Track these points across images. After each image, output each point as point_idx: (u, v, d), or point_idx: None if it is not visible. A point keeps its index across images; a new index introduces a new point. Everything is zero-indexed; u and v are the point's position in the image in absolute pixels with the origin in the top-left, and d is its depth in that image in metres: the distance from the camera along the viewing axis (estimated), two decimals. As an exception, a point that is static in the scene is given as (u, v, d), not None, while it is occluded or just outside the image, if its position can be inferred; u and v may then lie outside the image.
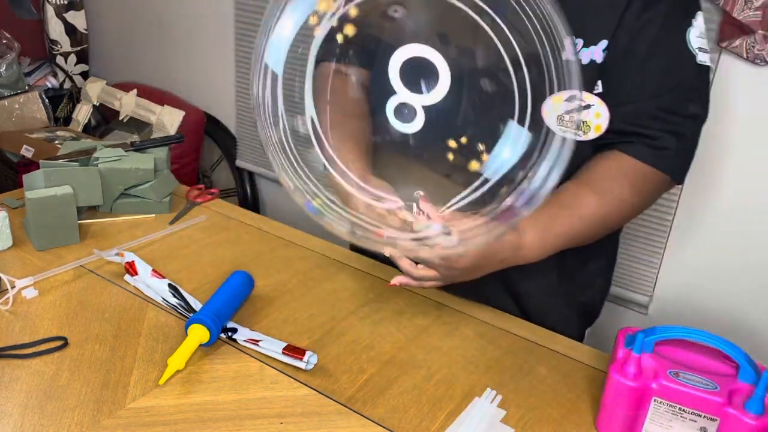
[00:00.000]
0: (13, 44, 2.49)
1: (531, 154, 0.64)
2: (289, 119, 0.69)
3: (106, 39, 2.85)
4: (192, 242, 1.13)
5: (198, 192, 1.30)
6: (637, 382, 0.72)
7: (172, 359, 0.80)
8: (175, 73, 2.65)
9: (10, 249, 1.07)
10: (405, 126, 0.64)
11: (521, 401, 0.82)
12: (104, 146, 1.24)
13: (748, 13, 1.42)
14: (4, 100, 2.44)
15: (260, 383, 0.81)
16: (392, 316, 0.97)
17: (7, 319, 0.90)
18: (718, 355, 0.76)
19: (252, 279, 0.98)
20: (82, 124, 2.64)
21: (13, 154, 2.36)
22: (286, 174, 0.72)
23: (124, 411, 0.75)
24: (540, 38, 0.60)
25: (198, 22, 2.50)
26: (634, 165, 0.88)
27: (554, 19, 0.61)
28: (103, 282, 1.00)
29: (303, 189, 0.72)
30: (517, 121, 0.62)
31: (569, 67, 0.63)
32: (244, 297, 0.95)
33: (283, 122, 0.69)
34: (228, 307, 0.90)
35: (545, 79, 0.61)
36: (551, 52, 0.61)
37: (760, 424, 0.67)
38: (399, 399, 0.80)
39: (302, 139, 0.69)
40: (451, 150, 0.64)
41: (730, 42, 1.48)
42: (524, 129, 0.62)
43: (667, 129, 0.88)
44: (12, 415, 0.73)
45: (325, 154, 0.70)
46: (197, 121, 2.50)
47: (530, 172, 0.65)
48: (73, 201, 1.07)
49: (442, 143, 0.64)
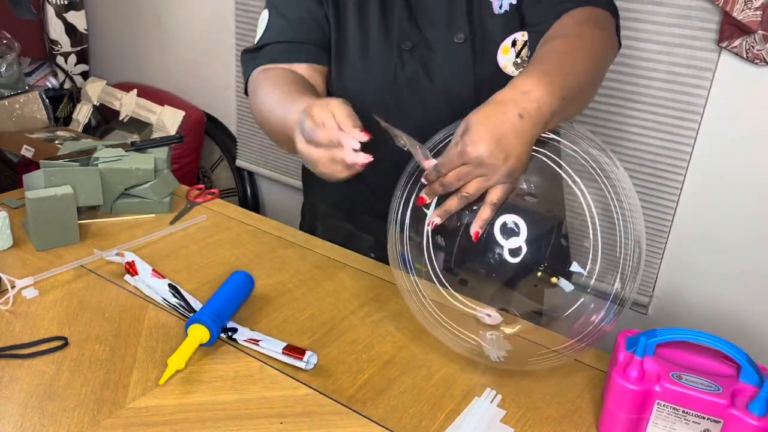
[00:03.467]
0: (13, 44, 2.49)
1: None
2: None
3: (106, 39, 2.85)
4: (192, 242, 1.13)
5: (198, 192, 1.30)
6: (639, 386, 0.72)
7: (172, 359, 0.80)
8: (175, 73, 2.65)
9: (10, 249, 1.06)
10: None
11: (521, 401, 0.81)
12: (104, 146, 1.24)
13: (748, 13, 1.42)
14: (4, 100, 2.44)
15: (260, 383, 0.81)
16: (392, 316, 0.97)
17: (7, 319, 0.90)
18: (718, 356, 0.75)
19: (252, 279, 0.98)
20: (82, 124, 2.64)
21: (13, 154, 2.36)
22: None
23: (124, 411, 0.75)
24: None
25: (198, 22, 2.50)
26: (574, 14, 0.97)
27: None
28: (103, 282, 1.00)
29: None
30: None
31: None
32: (244, 297, 0.95)
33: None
34: (228, 307, 0.90)
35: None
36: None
37: (763, 425, 0.67)
38: (399, 399, 0.80)
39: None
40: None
41: (730, 42, 1.48)
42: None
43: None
44: (12, 415, 0.73)
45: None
46: (197, 121, 2.50)
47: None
48: (73, 201, 1.07)
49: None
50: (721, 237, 1.66)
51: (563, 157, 0.80)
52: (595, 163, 0.77)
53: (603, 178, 0.76)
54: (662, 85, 1.61)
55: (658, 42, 1.58)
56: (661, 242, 1.73)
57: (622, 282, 0.75)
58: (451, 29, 1.00)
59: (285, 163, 2.41)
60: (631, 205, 0.77)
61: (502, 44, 1.00)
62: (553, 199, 0.82)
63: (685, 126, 1.62)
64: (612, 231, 0.75)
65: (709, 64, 1.55)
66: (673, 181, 1.67)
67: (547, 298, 0.79)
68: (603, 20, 0.97)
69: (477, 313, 0.82)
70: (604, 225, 0.75)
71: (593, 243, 0.75)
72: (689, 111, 1.60)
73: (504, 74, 1.01)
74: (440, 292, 0.80)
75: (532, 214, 0.79)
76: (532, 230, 0.77)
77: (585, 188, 0.76)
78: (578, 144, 0.79)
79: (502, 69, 1.01)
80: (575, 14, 0.96)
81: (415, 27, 1.01)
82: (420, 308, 0.82)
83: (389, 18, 1.02)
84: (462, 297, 0.80)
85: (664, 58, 1.59)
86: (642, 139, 1.67)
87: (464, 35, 1.00)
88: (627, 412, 0.73)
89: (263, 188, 2.58)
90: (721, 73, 1.54)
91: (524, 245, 0.76)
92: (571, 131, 0.82)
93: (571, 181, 0.77)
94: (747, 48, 1.47)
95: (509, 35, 1.00)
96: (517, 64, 1.00)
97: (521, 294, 0.79)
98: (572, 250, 0.82)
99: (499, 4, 0.99)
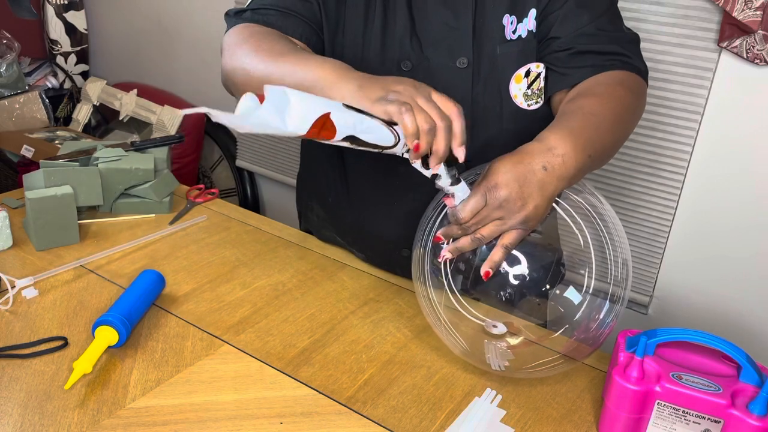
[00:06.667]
0: (13, 44, 2.49)
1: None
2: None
3: (106, 39, 2.85)
4: (192, 242, 1.13)
5: (198, 192, 1.29)
6: (640, 386, 0.72)
7: (77, 363, 0.77)
8: (175, 73, 2.65)
9: (10, 249, 1.06)
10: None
11: (521, 401, 0.81)
12: (104, 146, 1.24)
13: (748, 13, 1.42)
14: (4, 100, 2.44)
15: (260, 383, 0.81)
16: (392, 316, 0.97)
17: (7, 319, 0.90)
18: (718, 356, 0.75)
19: (163, 278, 0.96)
20: (82, 124, 2.64)
21: (13, 154, 2.36)
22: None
23: (124, 411, 0.75)
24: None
25: (198, 21, 2.50)
26: (610, 74, 0.94)
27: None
28: (103, 282, 1.00)
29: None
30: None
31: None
32: (154, 297, 0.94)
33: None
34: (137, 307, 0.88)
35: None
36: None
37: (763, 425, 0.67)
38: (399, 399, 0.80)
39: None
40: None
41: (730, 42, 1.48)
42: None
43: (614, 40, 0.95)
44: (12, 415, 0.73)
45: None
46: (197, 121, 2.49)
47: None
48: (73, 201, 1.07)
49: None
50: (721, 237, 1.66)
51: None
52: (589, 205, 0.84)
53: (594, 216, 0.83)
54: (662, 85, 1.61)
55: (658, 42, 1.58)
56: (661, 242, 1.73)
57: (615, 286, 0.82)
58: (452, 53, 0.95)
59: (285, 163, 2.41)
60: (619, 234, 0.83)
61: (515, 72, 0.96)
62: (550, 233, 0.87)
63: (685, 126, 1.62)
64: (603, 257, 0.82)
65: (709, 64, 1.54)
66: (673, 181, 1.67)
67: (551, 311, 0.85)
68: (636, 86, 0.94)
69: (486, 323, 0.86)
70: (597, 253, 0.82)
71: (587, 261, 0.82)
72: (689, 111, 1.60)
73: (509, 105, 0.97)
74: (454, 305, 0.85)
75: (534, 246, 0.83)
76: (534, 260, 0.82)
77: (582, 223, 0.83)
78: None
79: (512, 98, 0.97)
80: (610, 75, 0.93)
81: (417, 46, 0.95)
82: (435, 320, 0.87)
83: (390, 35, 0.96)
84: (473, 309, 0.86)
85: (664, 58, 1.59)
86: (642, 139, 1.67)
87: (467, 60, 0.94)
88: (627, 412, 0.73)
89: (263, 188, 2.57)
90: (721, 73, 1.54)
91: (527, 272, 0.82)
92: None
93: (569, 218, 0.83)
94: (747, 48, 1.47)
95: (524, 62, 0.96)
96: (527, 96, 0.97)
97: (526, 311, 0.85)
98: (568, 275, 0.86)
99: (512, 29, 0.94)
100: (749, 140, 1.56)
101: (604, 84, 0.91)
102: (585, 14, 0.93)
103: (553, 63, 0.95)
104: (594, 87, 0.91)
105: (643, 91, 0.96)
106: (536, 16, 0.94)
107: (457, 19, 0.93)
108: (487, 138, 0.97)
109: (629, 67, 0.94)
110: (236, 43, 0.92)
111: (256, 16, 0.96)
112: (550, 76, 0.96)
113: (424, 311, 0.86)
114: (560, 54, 0.94)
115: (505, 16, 0.94)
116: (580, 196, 0.84)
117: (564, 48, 0.94)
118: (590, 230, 0.82)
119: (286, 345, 0.89)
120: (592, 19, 0.93)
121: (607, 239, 0.82)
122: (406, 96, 0.72)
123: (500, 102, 0.97)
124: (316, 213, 1.17)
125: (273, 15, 0.95)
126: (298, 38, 0.95)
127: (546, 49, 0.95)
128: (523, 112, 0.97)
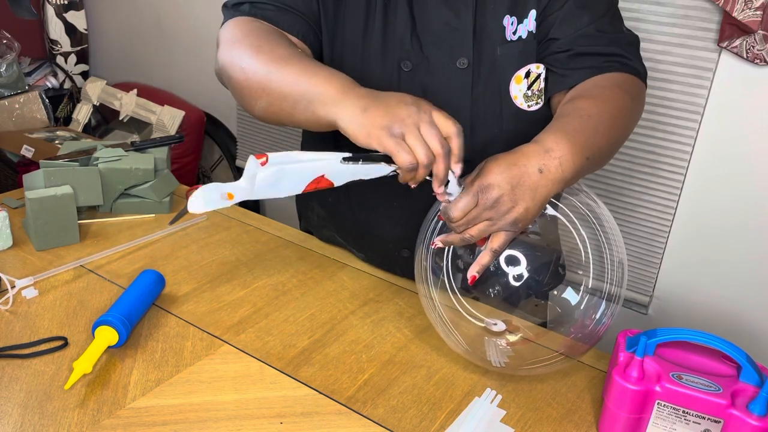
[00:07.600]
0: (13, 44, 2.49)
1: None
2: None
3: (106, 39, 2.85)
4: (192, 242, 1.13)
5: (198, 192, 1.29)
6: (640, 386, 0.72)
7: (77, 363, 0.77)
8: (175, 73, 2.65)
9: (10, 249, 1.06)
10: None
11: (521, 401, 0.81)
12: (104, 146, 1.24)
13: (748, 13, 1.42)
14: (4, 100, 2.44)
15: (260, 383, 0.81)
16: (392, 316, 0.97)
17: (7, 319, 0.90)
18: (718, 356, 0.75)
19: (163, 278, 0.96)
20: (82, 124, 2.64)
21: (13, 154, 2.36)
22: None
23: (124, 411, 0.75)
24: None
25: (198, 21, 2.50)
26: (609, 77, 0.93)
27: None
28: (103, 282, 1.00)
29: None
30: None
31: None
32: (154, 296, 0.94)
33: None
34: (137, 307, 0.88)
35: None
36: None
37: (763, 425, 0.67)
38: (399, 399, 0.80)
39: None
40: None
41: (730, 42, 1.48)
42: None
43: (614, 42, 0.95)
44: (12, 415, 0.73)
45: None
46: (197, 121, 2.49)
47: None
48: (73, 201, 1.07)
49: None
50: (721, 237, 1.66)
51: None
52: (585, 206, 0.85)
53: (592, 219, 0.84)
54: (662, 85, 1.61)
55: (658, 42, 1.58)
56: (661, 242, 1.73)
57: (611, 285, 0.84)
58: (453, 54, 0.94)
59: (285, 163, 2.40)
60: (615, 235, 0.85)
61: (516, 73, 0.96)
62: (549, 235, 0.87)
63: (685, 126, 1.62)
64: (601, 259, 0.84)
65: (709, 64, 1.55)
66: (673, 181, 1.67)
67: (550, 311, 0.86)
68: (634, 88, 0.93)
69: (486, 322, 0.86)
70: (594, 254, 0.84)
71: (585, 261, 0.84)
72: (689, 111, 1.60)
73: (510, 106, 0.97)
74: (455, 305, 0.86)
75: (533, 248, 0.84)
76: (533, 260, 0.83)
77: (580, 227, 0.83)
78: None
79: (512, 99, 0.97)
80: (609, 77, 0.93)
81: (417, 46, 0.95)
82: (437, 319, 0.87)
83: (391, 34, 0.96)
84: (473, 309, 0.86)
85: (664, 58, 1.59)
86: (642, 139, 1.67)
87: (467, 61, 0.94)
88: (627, 412, 0.73)
89: (263, 188, 2.57)
90: (721, 73, 1.54)
91: (526, 272, 0.83)
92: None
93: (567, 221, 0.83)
94: (747, 48, 1.47)
95: (524, 63, 0.95)
96: (527, 96, 0.97)
97: (526, 310, 0.86)
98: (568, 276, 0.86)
99: (513, 30, 0.94)
100: (749, 140, 1.56)
101: (602, 86, 0.91)
102: (585, 15, 0.93)
103: (553, 64, 0.95)
104: (592, 89, 0.91)
105: (641, 94, 0.96)
106: (536, 16, 0.94)
107: (458, 20, 0.93)
108: (487, 139, 0.97)
109: (628, 69, 0.94)
110: (234, 37, 0.93)
111: (254, 9, 0.95)
112: (550, 78, 0.96)
113: (427, 311, 0.87)
114: (560, 55, 0.94)
115: (506, 17, 0.94)
116: (575, 197, 0.84)
117: (563, 49, 0.93)
118: (586, 230, 0.83)
119: (286, 345, 0.89)
120: (592, 20, 0.93)
121: (603, 240, 0.82)
122: (409, 123, 0.72)
123: (500, 103, 0.97)
124: (316, 213, 1.17)
125: (271, 10, 0.95)
126: (296, 35, 0.95)
127: (545, 50, 0.95)
128: (523, 113, 0.97)
